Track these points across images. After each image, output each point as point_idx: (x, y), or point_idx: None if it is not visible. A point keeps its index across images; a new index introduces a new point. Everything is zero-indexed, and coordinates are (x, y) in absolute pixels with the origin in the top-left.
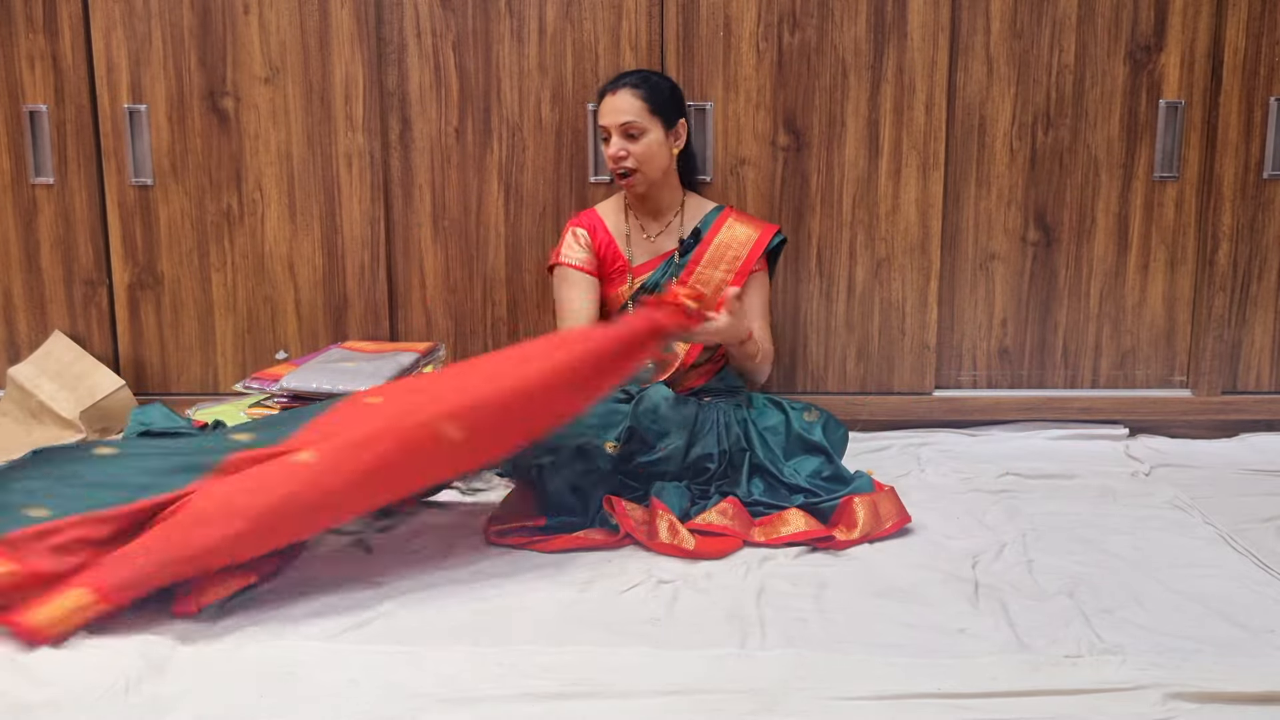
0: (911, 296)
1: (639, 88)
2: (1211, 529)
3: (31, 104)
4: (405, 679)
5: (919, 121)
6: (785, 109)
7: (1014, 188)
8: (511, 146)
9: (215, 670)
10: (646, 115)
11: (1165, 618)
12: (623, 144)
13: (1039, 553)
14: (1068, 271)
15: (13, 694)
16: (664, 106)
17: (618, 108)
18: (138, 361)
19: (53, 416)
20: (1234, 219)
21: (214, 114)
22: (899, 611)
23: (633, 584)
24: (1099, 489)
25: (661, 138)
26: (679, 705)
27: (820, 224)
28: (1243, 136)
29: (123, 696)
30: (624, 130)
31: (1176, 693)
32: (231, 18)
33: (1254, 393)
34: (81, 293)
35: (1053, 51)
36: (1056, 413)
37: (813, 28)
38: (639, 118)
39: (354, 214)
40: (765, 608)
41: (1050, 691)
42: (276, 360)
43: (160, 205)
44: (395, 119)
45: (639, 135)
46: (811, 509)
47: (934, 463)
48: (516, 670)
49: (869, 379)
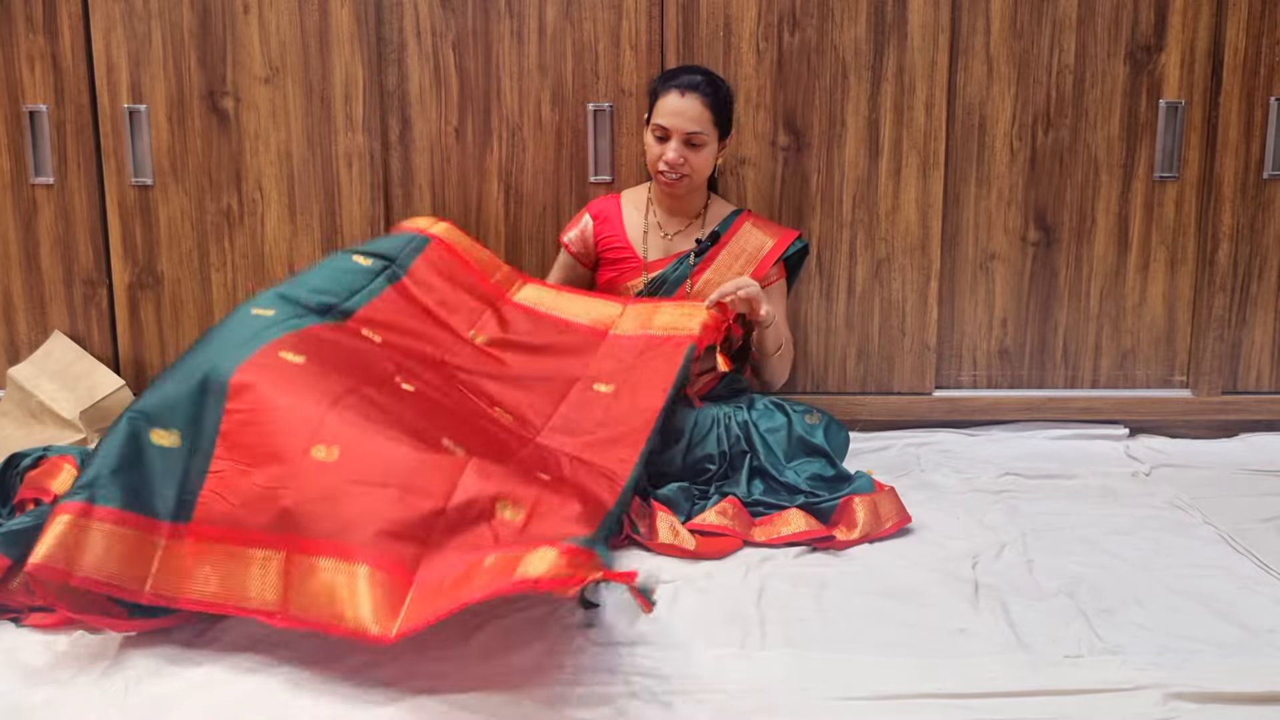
0: (911, 296)
1: (709, 96)
2: (1211, 529)
3: (31, 104)
4: (405, 678)
5: (919, 121)
6: (785, 109)
7: (1014, 188)
8: (511, 146)
9: (216, 670)
10: (710, 126)
11: (1165, 618)
12: (683, 151)
13: (1039, 553)
14: (1068, 271)
15: (13, 694)
16: (724, 119)
17: (686, 114)
18: (138, 361)
19: (53, 416)
20: (1234, 219)
21: (214, 114)
22: (899, 611)
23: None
24: (1099, 489)
25: (715, 149)
26: (679, 705)
27: (820, 224)
28: (1243, 136)
29: (123, 696)
30: (688, 139)
31: (1177, 693)
32: (231, 18)
33: (1254, 393)
34: (81, 293)
35: (1053, 51)
36: (1056, 413)
37: (813, 28)
38: (705, 129)
39: (354, 214)
40: (765, 608)
41: (1050, 691)
42: None
43: (160, 205)
44: (395, 119)
45: (700, 146)
46: (811, 509)
47: (934, 463)
48: None
49: (869, 379)
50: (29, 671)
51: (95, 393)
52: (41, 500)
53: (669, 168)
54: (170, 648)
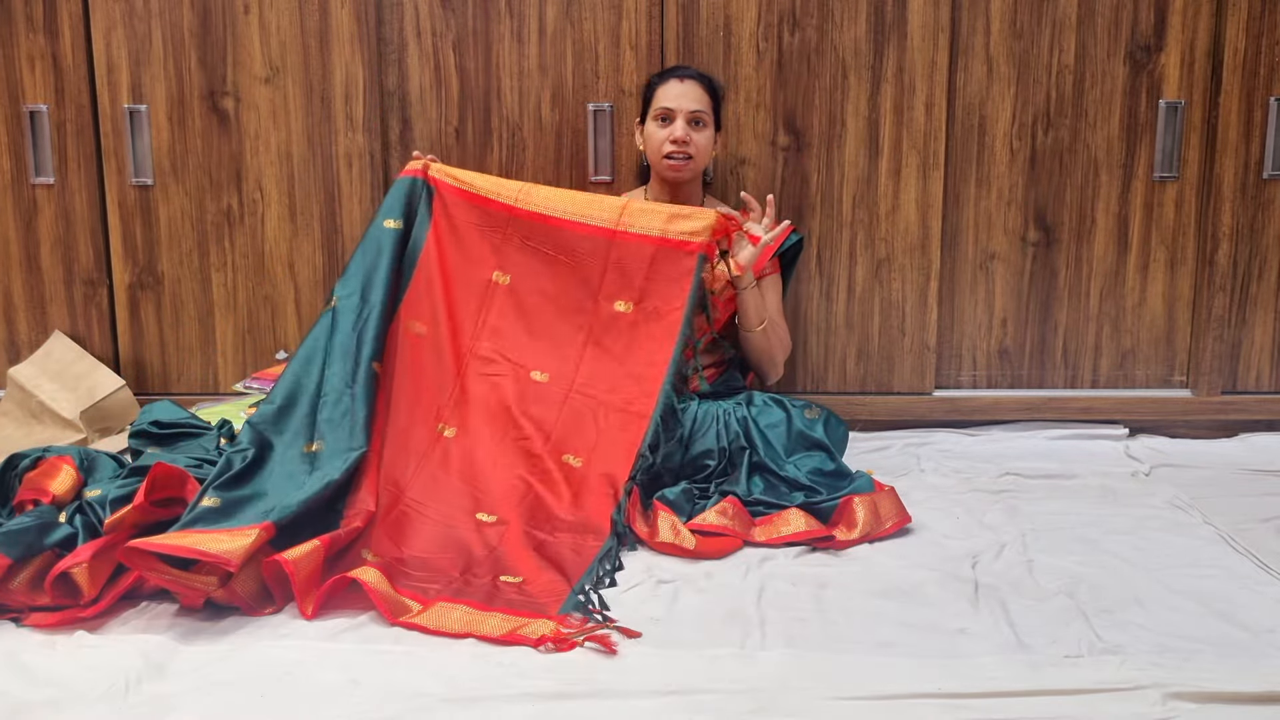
0: (911, 296)
1: (706, 84)
2: (1211, 529)
3: (31, 104)
4: (406, 679)
5: (919, 121)
6: (785, 109)
7: (1014, 188)
8: (511, 146)
9: (216, 670)
10: (710, 110)
11: (1165, 618)
12: (688, 130)
13: (1039, 553)
14: (1068, 271)
15: (13, 694)
16: (719, 109)
17: (688, 95)
18: (138, 361)
19: (53, 416)
20: (1234, 219)
21: (214, 114)
22: (899, 611)
23: (633, 584)
24: (1099, 489)
25: (713, 136)
26: (679, 705)
27: (820, 224)
28: (1243, 136)
29: (123, 696)
30: (692, 117)
31: (1176, 693)
32: (231, 18)
33: (1254, 393)
34: (81, 293)
35: (1053, 51)
36: (1056, 413)
37: (813, 28)
38: (706, 110)
39: (354, 214)
40: (765, 608)
41: (1050, 691)
42: (276, 360)
43: (160, 205)
44: (395, 119)
45: (704, 127)
46: (811, 509)
47: (934, 463)
48: (516, 670)
49: (869, 379)
50: (30, 671)
51: (95, 393)
52: (40, 501)
53: (676, 146)
54: (170, 647)
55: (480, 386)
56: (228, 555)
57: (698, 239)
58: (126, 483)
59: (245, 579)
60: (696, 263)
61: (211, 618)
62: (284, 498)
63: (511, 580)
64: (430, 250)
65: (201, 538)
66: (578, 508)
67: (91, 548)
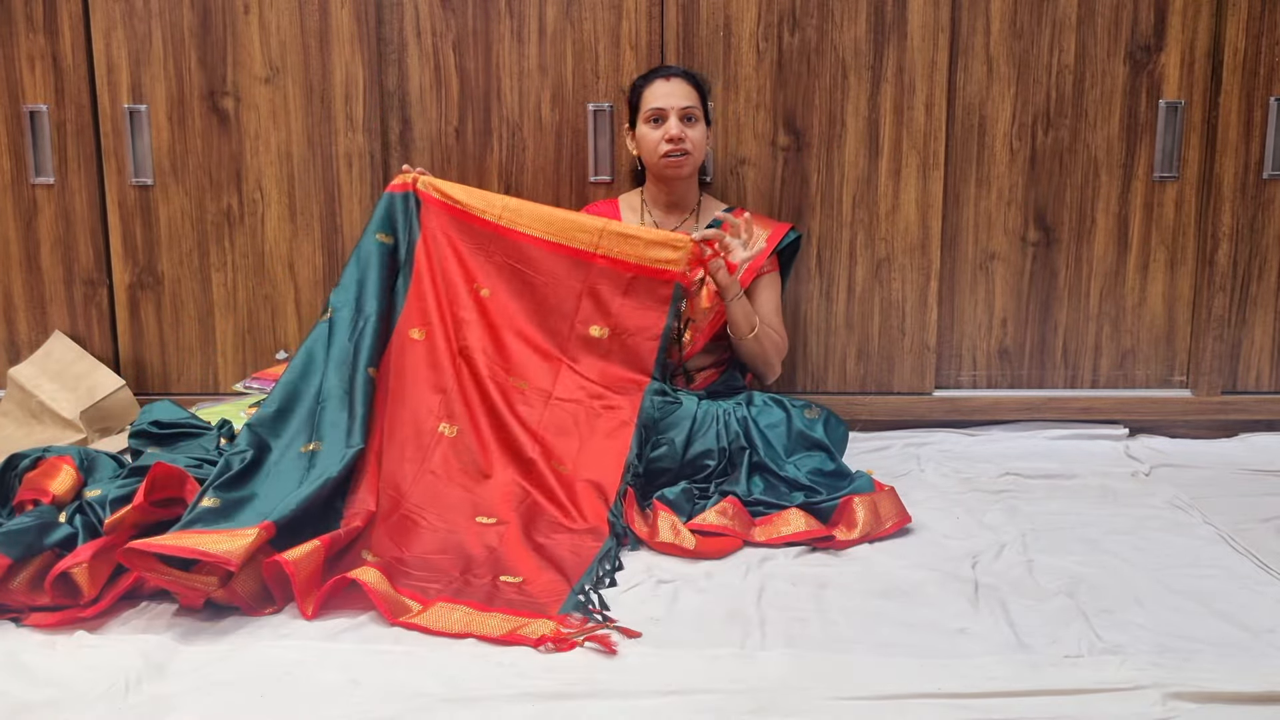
0: (911, 296)
1: (692, 80)
2: (1211, 529)
3: (31, 104)
4: (406, 679)
5: (919, 121)
6: (785, 109)
7: (1014, 188)
8: (511, 146)
9: (216, 670)
10: (699, 105)
11: (1165, 618)
12: (682, 127)
13: (1039, 553)
14: (1068, 271)
15: (13, 694)
16: (707, 105)
17: (676, 92)
18: (138, 361)
19: (53, 416)
20: (1234, 219)
21: (214, 114)
22: (899, 611)
23: (633, 584)
24: (1099, 489)
25: (705, 131)
26: (679, 705)
27: (820, 224)
28: (1242, 136)
29: (123, 696)
30: (684, 114)
31: (1176, 693)
32: (231, 17)
33: (1254, 393)
34: (81, 293)
35: (1053, 51)
36: (1056, 413)
37: (813, 28)
38: (696, 105)
39: (354, 214)
40: (765, 608)
41: (1050, 691)
42: (276, 360)
43: (160, 205)
44: (395, 119)
45: (696, 122)
46: (811, 509)
47: (934, 463)
48: (516, 670)
49: (869, 379)
50: (30, 671)
51: (96, 393)
52: (40, 501)
53: (672, 143)
54: (170, 647)
55: (476, 390)
56: (228, 555)
57: (674, 268)
58: (126, 483)
59: (245, 579)
60: (673, 291)
61: (211, 618)
62: (283, 497)
63: (511, 580)
64: (421, 261)
65: (201, 538)
66: (573, 510)
67: (91, 548)
